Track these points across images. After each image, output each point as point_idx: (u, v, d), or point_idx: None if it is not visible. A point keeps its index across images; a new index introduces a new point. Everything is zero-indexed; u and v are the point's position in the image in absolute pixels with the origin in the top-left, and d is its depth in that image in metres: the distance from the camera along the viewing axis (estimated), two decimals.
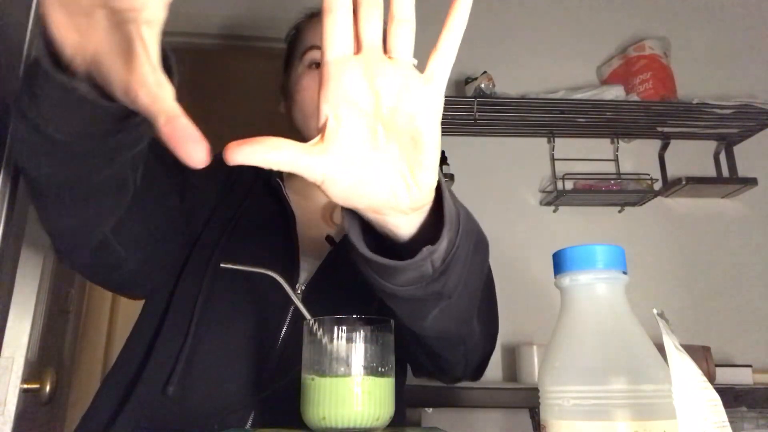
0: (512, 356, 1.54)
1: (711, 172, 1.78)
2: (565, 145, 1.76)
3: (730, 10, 1.94)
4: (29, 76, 0.38)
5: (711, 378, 1.36)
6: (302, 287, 0.70)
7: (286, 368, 0.64)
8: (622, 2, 1.93)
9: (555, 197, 1.66)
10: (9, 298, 1.34)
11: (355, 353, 0.46)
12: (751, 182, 1.67)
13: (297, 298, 0.52)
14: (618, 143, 1.78)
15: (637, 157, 1.79)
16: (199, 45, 1.78)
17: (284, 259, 0.71)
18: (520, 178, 1.76)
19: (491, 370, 1.55)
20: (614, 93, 1.66)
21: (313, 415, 0.46)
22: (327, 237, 0.73)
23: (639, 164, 1.77)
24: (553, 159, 1.74)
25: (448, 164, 1.66)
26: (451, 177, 1.66)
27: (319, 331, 0.47)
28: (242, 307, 0.68)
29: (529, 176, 1.76)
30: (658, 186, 1.70)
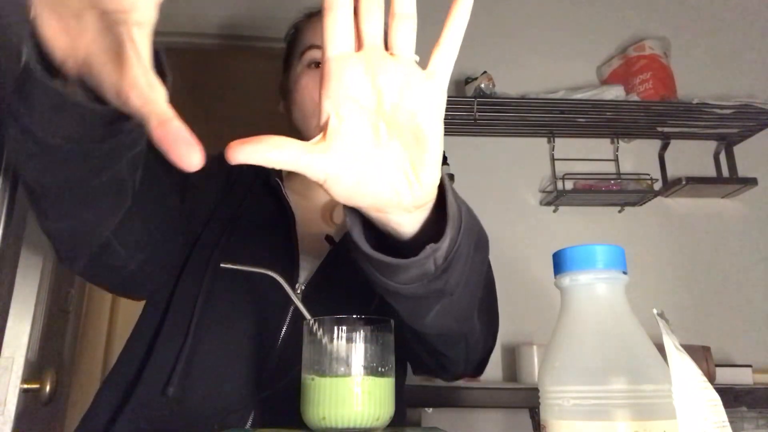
0: (512, 356, 1.54)
1: (711, 172, 1.78)
2: (565, 145, 1.76)
3: (730, 10, 1.94)
4: (20, 80, 0.37)
5: (711, 378, 1.36)
6: (302, 287, 0.70)
7: (286, 368, 0.64)
8: (622, 2, 1.93)
9: (555, 197, 1.66)
10: (9, 298, 1.35)
11: (355, 353, 0.46)
12: (751, 182, 1.67)
13: (297, 298, 0.52)
14: (618, 143, 1.77)
15: (637, 157, 1.79)
16: (199, 45, 1.78)
17: (284, 258, 0.71)
18: (520, 178, 1.76)
19: (491, 370, 1.55)
20: (614, 93, 1.66)
21: (313, 415, 0.46)
22: (326, 237, 0.73)
23: (639, 164, 1.77)
24: (553, 159, 1.74)
25: (448, 164, 1.66)
26: (451, 177, 1.66)
27: (319, 331, 0.47)
28: (242, 307, 0.68)
29: (529, 176, 1.76)
30: (658, 186, 1.69)
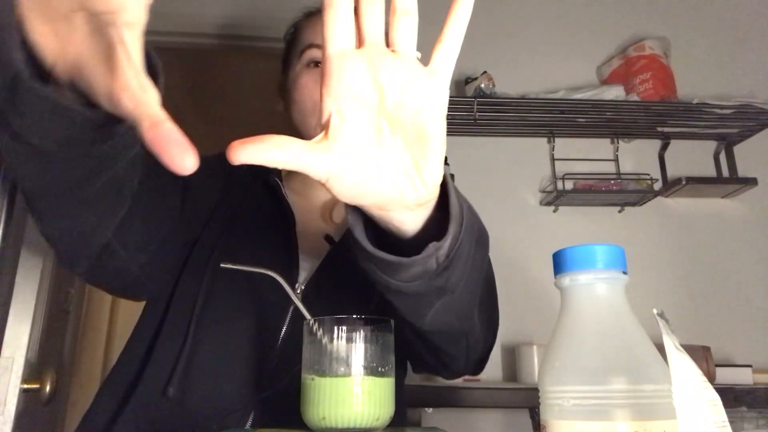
0: (512, 356, 1.54)
1: (711, 172, 1.78)
2: (565, 145, 1.76)
3: (730, 10, 1.94)
4: (9, 85, 0.36)
5: (711, 378, 1.36)
6: (301, 287, 0.69)
7: (285, 368, 0.64)
8: (622, 2, 1.93)
9: (555, 197, 1.66)
10: (9, 298, 1.35)
11: (355, 353, 0.46)
12: (751, 182, 1.67)
13: (297, 298, 0.52)
14: (618, 143, 1.77)
15: (637, 157, 1.79)
16: (199, 45, 1.78)
17: (284, 258, 0.71)
18: (520, 178, 1.76)
19: (491, 370, 1.55)
20: (614, 93, 1.66)
21: (313, 415, 0.46)
22: (326, 236, 0.73)
23: (639, 164, 1.77)
24: (553, 159, 1.74)
25: (448, 164, 1.66)
26: (451, 177, 1.65)
27: (319, 331, 0.47)
28: (242, 307, 0.68)
29: (529, 176, 1.76)
30: (658, 186, 1.69)
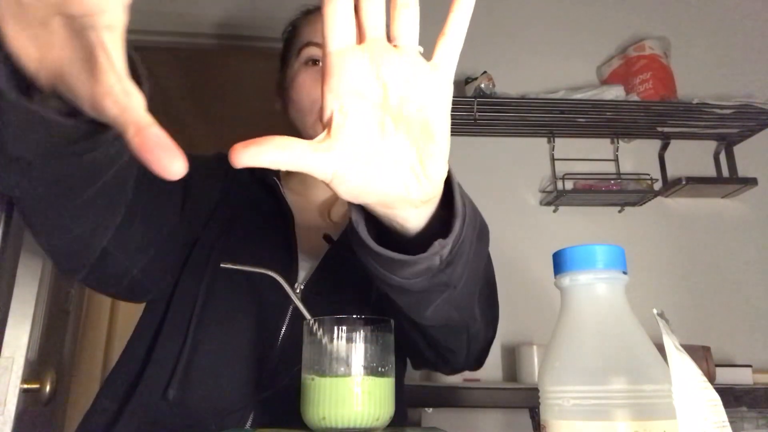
0: (512, 356, 1.54)
1: (711, 172, 1.78)
2: (565, 145, 1.76)
3: (730, 10, 1.94)
4: None
5: (711, 378, 1.36)
6: (301, 286, 0.69)
7: (285, 368, 0.64)
8: (622, 2, 1.93)
9: (555, 197, 1.66)
10: (9, 298, 1.35)
11: (355, 353, 0.46)
12: (751, 182, 1.67)
13: (297, 298, 0.52)
14: (618, 143, 1.77)
15: (637, 157, 1.79)
16: (199, 45, 1.78)
17: (283, 258, 0.71)
18: (520, 178, 1.76)
19: (491, 370, 1.55)
20: (614, 93, 1.66)
21: (313, 415, 0.46)
22: (324, 235, 0.73)
23: (639, 164, 1.77)
24: (553, 159, 1.74)
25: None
26: None
27: (319, 331, 0.47)
28: (242, 307, 0.68)
29: (529, 176, 1.76)
30: (658, 186, 1.69)
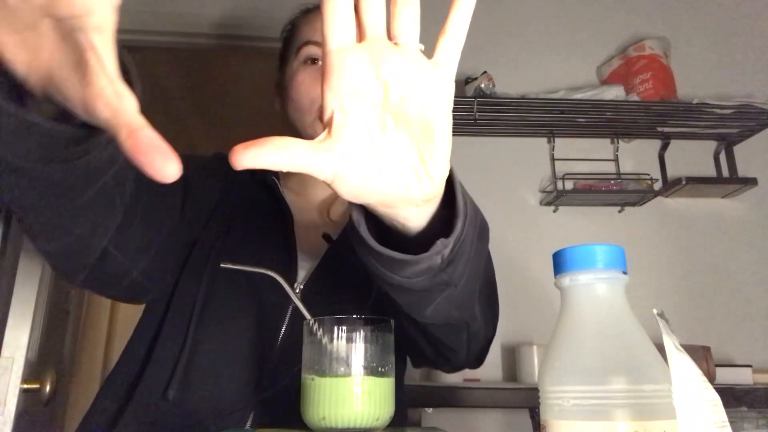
0: (512, 356, 1.54)
1: (711, 172, 1.78)
2: (565, 145, 1.76)
3: (730, 10, 1.94)
4: None
5: (711, 378, 1.36)
6: (300, 286, 0.69)
7: (285, 368, 0.64)
8: (622, 2, 1.93)
9: (555, 197, 1.66)
10: (9, 298, 1.35)
11: (355, 353, 0.46)
12: (751, 182, 1.67)
13: (297, 298, 0.52)
14: (618, 143, 1.77)
15: (637, 157, 1.79)
16: (199, 45, 1.78)
17: (283, 257, 0.71)
18: (520, 178, 1.76)
19: (491, 370, 1.55)
20: (614, 93, 1.66)
21: (313, 415, 0.46)
22: (324, 235, 0.73)
23: (639, 164, 1.77)
24: (553, 159, 1.74)
25: None
26: None
27: (318, 331, 0.47)
28: (241, 307, 0.68)
29: (529, 176, 1.76)
30: (658, 186, 1.69)
